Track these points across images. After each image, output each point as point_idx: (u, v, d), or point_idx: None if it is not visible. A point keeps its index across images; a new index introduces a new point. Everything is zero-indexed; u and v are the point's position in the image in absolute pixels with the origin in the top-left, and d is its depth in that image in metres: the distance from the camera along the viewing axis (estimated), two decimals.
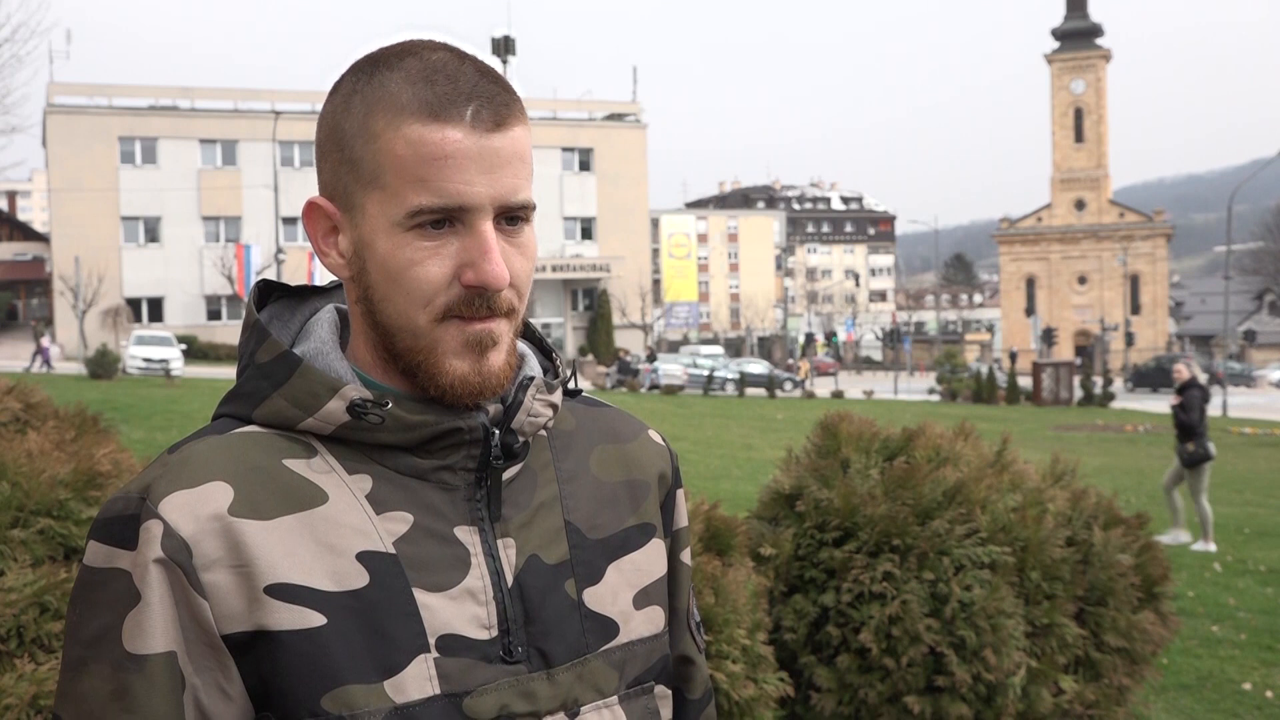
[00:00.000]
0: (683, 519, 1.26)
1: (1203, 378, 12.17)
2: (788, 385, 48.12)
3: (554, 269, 60.51)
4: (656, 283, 77.82)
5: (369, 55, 1.06)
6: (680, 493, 1.26)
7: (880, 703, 3.70)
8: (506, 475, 1.09)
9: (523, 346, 1.18)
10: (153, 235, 54.33)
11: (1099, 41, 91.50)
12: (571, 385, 1.20)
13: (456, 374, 1.03)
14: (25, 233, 73.44)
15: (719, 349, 65.82)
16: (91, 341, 43.16)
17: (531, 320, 1.18)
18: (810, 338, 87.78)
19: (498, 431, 1.07)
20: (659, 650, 1.16)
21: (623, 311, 62.26)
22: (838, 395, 43.08)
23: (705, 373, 43.91)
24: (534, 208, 1.06)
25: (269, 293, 1.15)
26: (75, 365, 37.50)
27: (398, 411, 1.03)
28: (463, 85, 1.01)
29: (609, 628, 1.11)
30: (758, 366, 50.59)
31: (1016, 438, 4.70)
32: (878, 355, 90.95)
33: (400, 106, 1.00)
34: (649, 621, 1.16)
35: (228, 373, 40.95)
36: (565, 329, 62.63)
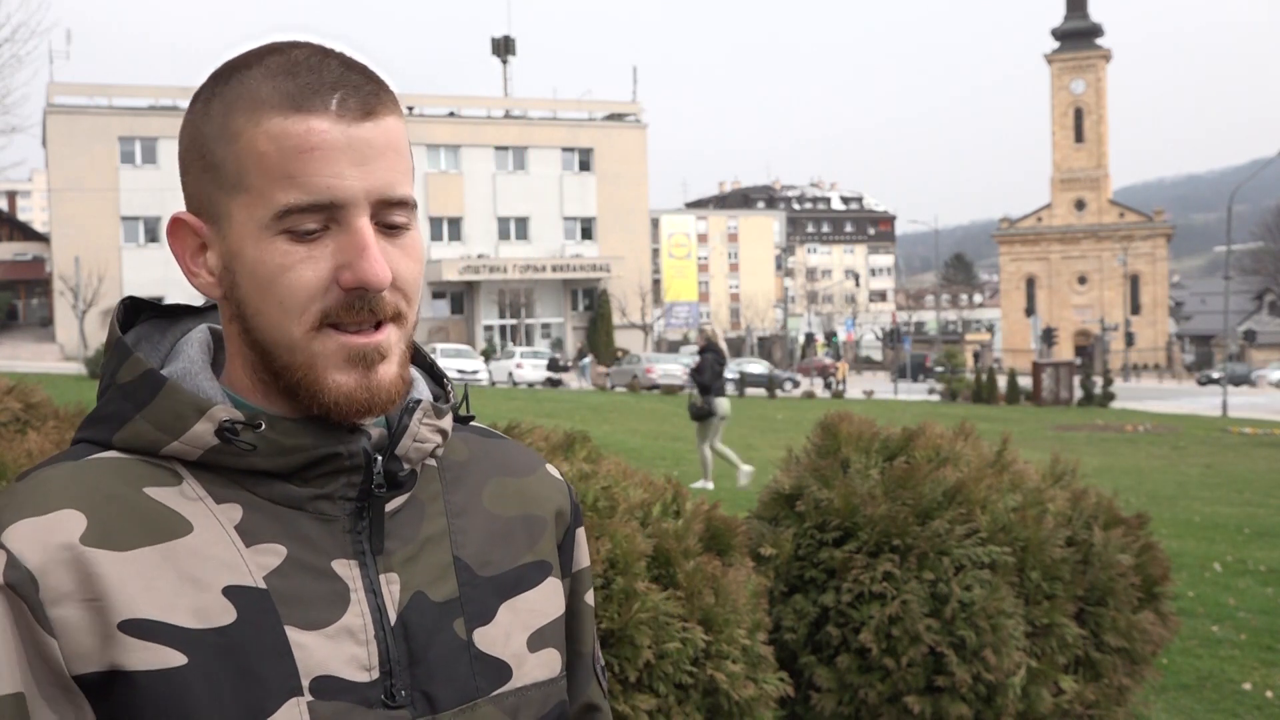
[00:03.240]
0: (584, 559, 1.19)
1: (723, 345, 14.02)
2: (788, 385, 48.11)
3: (554, 269, 60.53)
4: (656, 283, 77.87)
5: (229, 60, 0.99)
6: (580, 531, 1.19)
7: (880, 703, 3.70)
8: (390, 506, 1.01)
9: (412, 371, 1.09)
10: (153, 235, 54.38)
11: (1099, 41, 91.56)
12: (463, 411, 1.13)
13: (341, 390, 0.95)
14: (25, 233, 73.43)
15: None
16: (91, 341, 43.17)
17: (531, 320, 1.12)
18: (810, 338, 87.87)
19: (380, 458, 1.00)
20: (555, 696, 1.09)
21: (623, 311, 62.30)
22: (837, 395, 43.09)
23: None
24: (415, 205, 0.99)
25: (137, 311, 1.07)
26: (75, 365, 37.50)
27: (271, 434, 0.95)
28: (326, 76, 0.95)
29: (501, 671, 1.04)
30: (758, 366, 50.60)
31: (1016, 438, 4.70)
32: (878, 355, 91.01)
33: (260, 101, 0.94)
34: (544, 665, 1.08)
35: None
36: (565, 329, 62.64)
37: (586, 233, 63.50)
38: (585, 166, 63.27)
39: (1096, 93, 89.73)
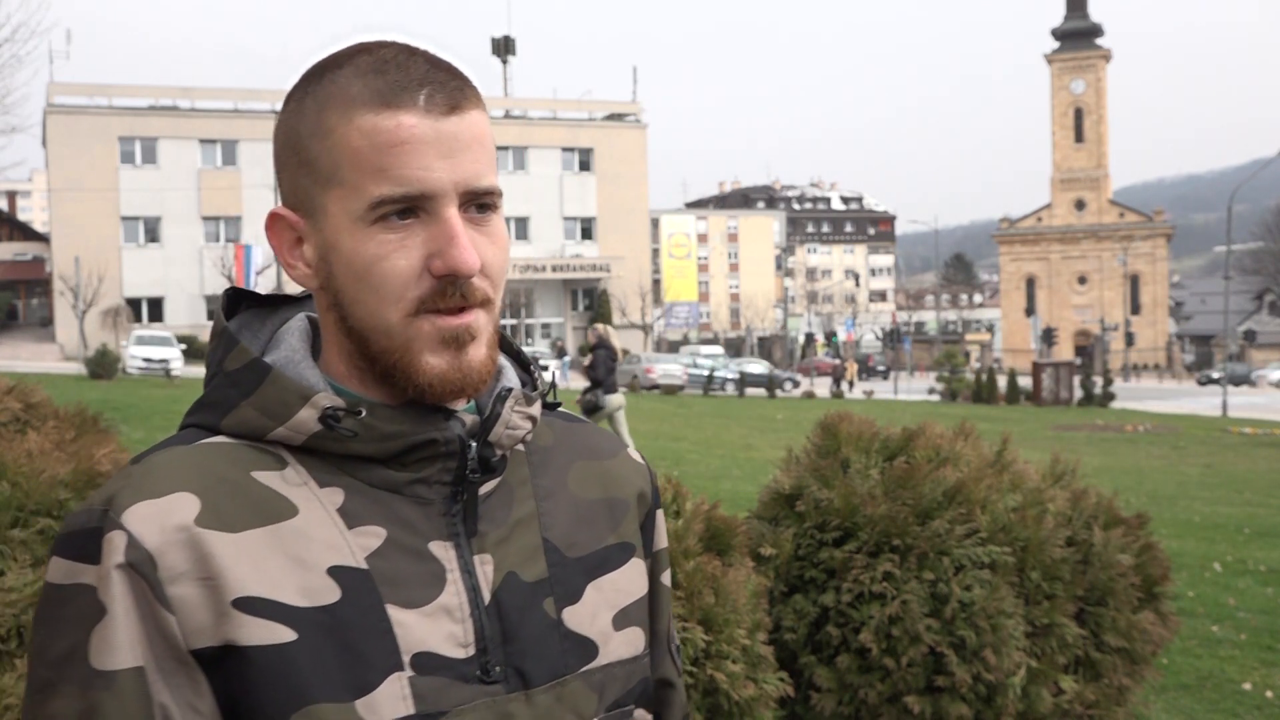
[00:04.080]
0: (663, 540, 1.23)
1: (615, 343, 14.76)
2: (788, 385, 48.11)
3: (554, 269, 60.53)
4: (656, 283, 77.84)
5: (320, 60, 1.04)
6: (660, 513, 1.23)
7: (880, 703, 3.69)
8: (483, 490, 1.06)
9: (501, 359, 1.13)
10: (153, 235, 54.36)
11: (1099, 41, 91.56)
12: (550, 398, 1.17)
13: (435, 371, 1.00)
14: (25, 233, 73.41)
15: (719, 349, 65.84)
16: (91, 341, 43.17)
17: (531, 320, 1.16)
18: (810, 338, 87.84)
19: (474, 444, 1.04)
20: (639, 673, 1.13)
21: (623, 311, 62.25)
22: (837, 395, 43.09)
23: (705, 373, 43.92)
24: (500, 194, 1.03)
25: (238, 301, 1.12)
26: (75, 365, 37.49)
27: (371, 421, 1.00)
28: (414, 73, 0.99)
29: (588, 648, 1.08)
30: (758, 366, 50.60)
31: (1016, 438, 4.70)
32: (878, 355, 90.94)
33: (351, 99, 0.99)
34: (628, 643, 1.12)
35: None
36: (565, 329, 62.61)
37: (586, 233, 63.47)
38: (585, 166, 63.24)
39: (1096, 93, 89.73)
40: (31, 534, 2.64)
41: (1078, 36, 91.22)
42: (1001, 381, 39.94)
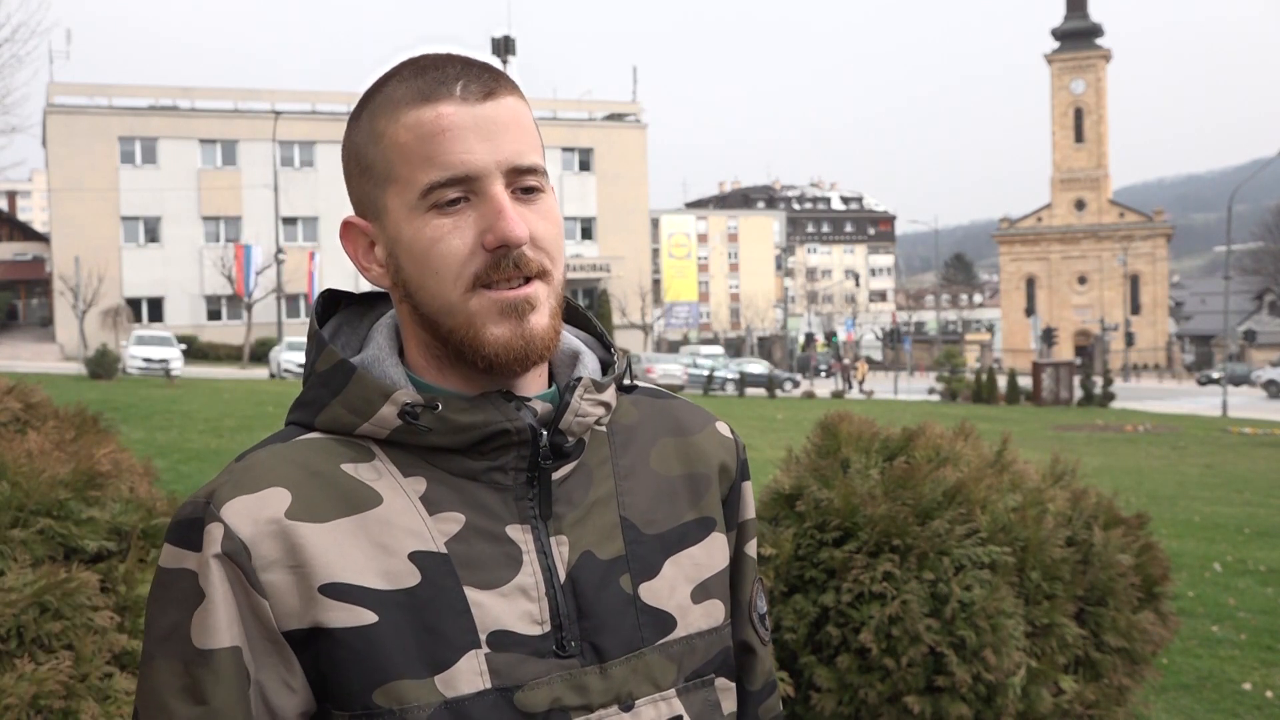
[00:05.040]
0: (749, 511, 1.27)
1: None
2: (788, 385, 48.10)
3: None
4: (656, 283, 77.81)
5: (373, 81, 1.13)
6: (746, 485, 1.27)
7: (880, 703, 3.69)
8: (560, 473, 1.11)
9: (579, 343, 1.20)
10: (153, 235, 54.33)
11: (1099, 41, 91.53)
12: (627, 380, 1.22)
13: (499, 341, 1.05)
14: (25, 233, 73.43)
15: (719, 349, 65.82)
16: (91, 341, 43.16)
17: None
18: (810, 338, 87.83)
19: (545, 432, 1.09)
20: (719, 644, 1.18)
21: (623, 311, 62.24)
22: (838, 395, 43.09)
23: (705, 373, 43.92)
24: (545, 173, 1.09)
25: (335, 302, 1.19)
26: (75, 365, 37.48)
27: (447, 414, 1.06)
28: (450, 70, 1.07)
29: (666, 622, 1.13)
30: (758, 366, 50.60)
31: (1016, 438, 4.70)
32: (878, 355, 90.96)
33: (396, 102, 1.07)
34: (707, 615, 1.17)
35: (227, 373, 40.92)
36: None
37: (586, 233, 63.45)
38: (585, 166, 63.23)
39: (1096, 93, 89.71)
40: (31, 534, 2.64)
41: (1078, 36, 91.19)
42: (1001, 381, 39.94)
